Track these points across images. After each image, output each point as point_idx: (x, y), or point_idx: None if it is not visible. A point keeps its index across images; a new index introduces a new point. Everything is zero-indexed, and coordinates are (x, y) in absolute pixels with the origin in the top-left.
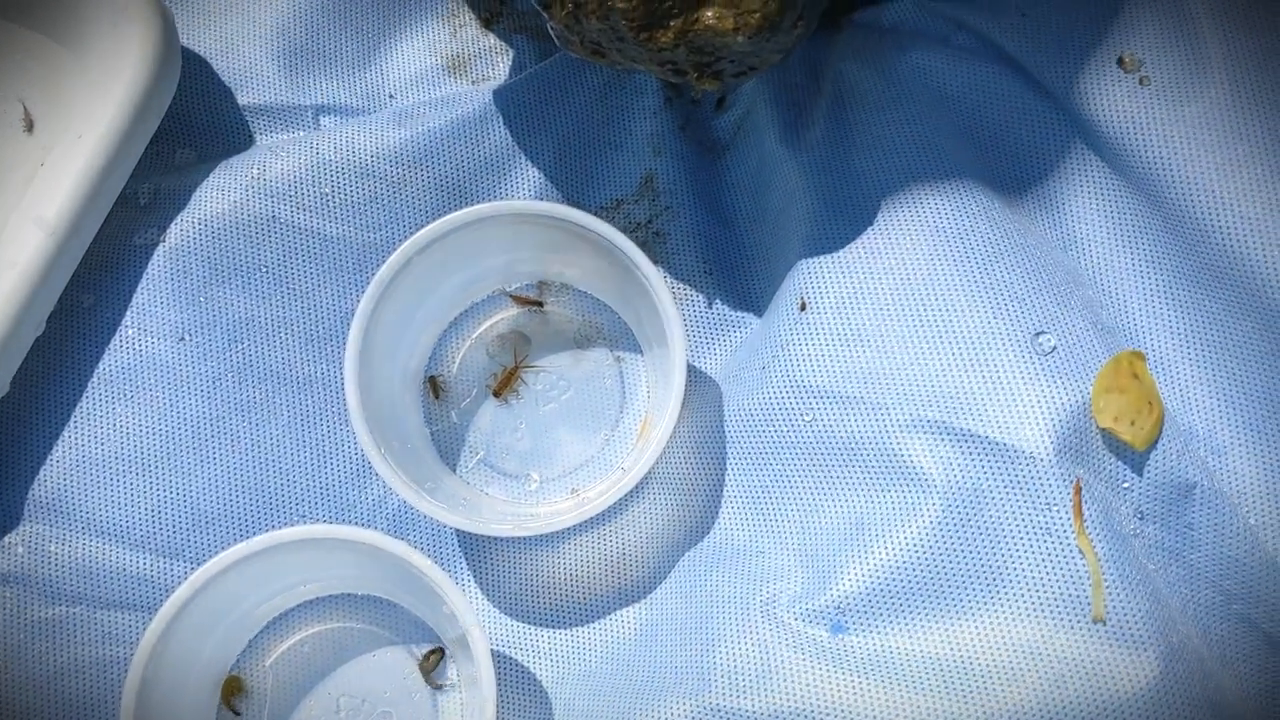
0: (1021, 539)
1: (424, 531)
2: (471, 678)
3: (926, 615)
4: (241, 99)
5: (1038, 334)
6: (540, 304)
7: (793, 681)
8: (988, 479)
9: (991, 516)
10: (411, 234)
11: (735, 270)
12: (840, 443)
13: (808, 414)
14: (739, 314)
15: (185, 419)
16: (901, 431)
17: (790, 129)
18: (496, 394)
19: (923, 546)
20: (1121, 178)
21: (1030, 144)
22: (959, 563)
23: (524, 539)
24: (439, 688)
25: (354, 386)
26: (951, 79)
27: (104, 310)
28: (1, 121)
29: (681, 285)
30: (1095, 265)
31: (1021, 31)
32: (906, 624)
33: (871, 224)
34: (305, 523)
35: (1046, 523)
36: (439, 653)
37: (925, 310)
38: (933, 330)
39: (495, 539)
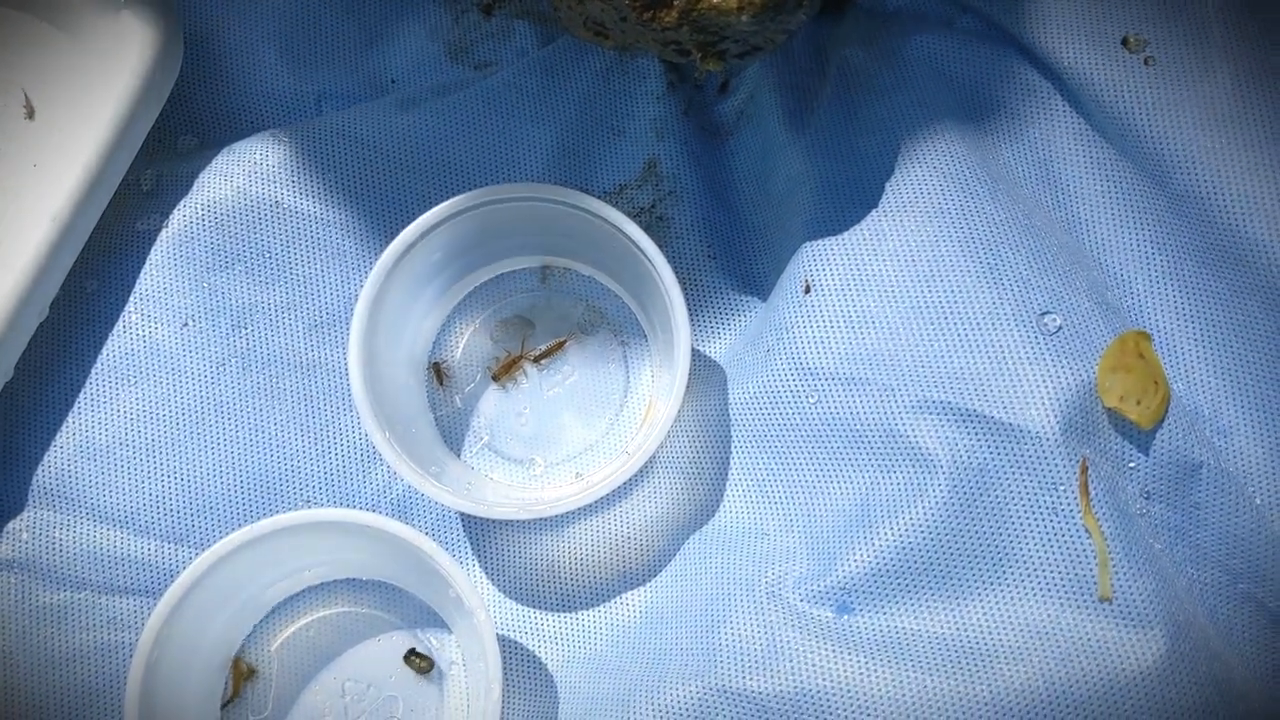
0: (1028, 519)
1: (429, 516)
2: (477, 661)
3: (932, 595)
4: (244, 85)
5: (1043, 314)
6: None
7: (799, 662)
8: (993, 459)
9: (997, 496)
10: (414, 219)
11: (739, 254)
12: (845, 424)
13: (812, 396)
14: (743, 298)
15: (189, 404)
16: (907, 413)
17: (794, 113)
18: (495, 379)
19: (928, 527)
20: (1126, 158)
21: (1034, 126)
22: (965, 543)
23: (529, 523)
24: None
25: (358, 371)
26: (955, 62)
27: (107, 296)
28: (3, 109)
29: (685, 269)
30: (1100, 245)
31: (1026, 14)
32: (912, 604)
33: (875, 207)
34: (310, 507)
35: (1053, 502)
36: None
37: (930, 292)
38: (937, 311)
39: (500, 523)
